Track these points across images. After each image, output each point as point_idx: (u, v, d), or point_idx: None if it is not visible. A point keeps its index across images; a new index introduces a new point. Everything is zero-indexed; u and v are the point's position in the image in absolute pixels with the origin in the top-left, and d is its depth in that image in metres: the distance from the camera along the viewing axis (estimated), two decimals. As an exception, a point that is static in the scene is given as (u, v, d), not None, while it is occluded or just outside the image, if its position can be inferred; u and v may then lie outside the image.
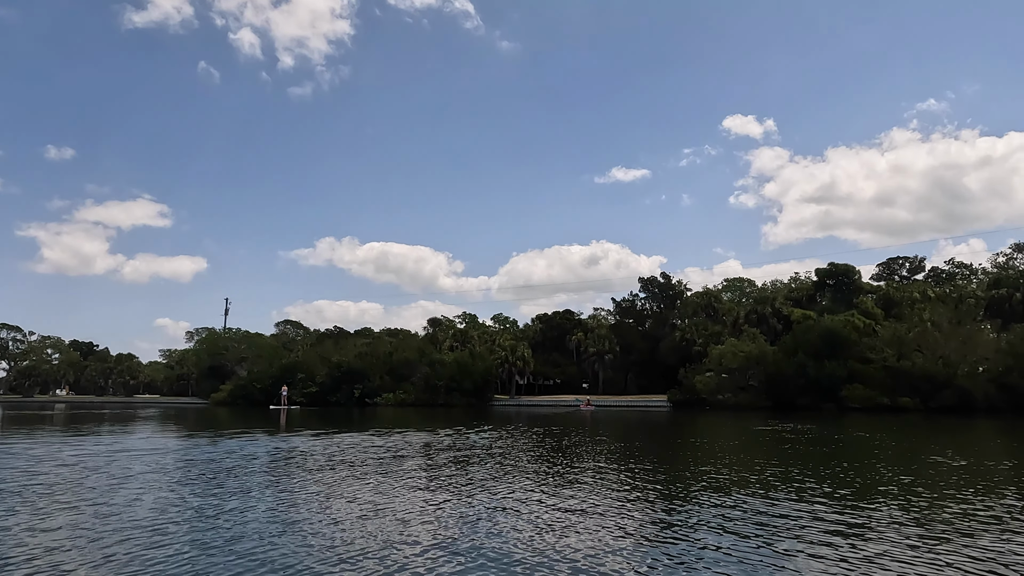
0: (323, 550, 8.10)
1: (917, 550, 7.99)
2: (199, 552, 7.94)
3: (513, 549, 8.15)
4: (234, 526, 9.36)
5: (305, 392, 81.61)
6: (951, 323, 59.94)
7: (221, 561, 7.56)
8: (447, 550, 8.16)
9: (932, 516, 10.04)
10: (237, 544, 8.33)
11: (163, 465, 16.70)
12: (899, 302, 73.26)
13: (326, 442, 23.90)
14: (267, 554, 7.87)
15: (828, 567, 7.29)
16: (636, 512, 10.57)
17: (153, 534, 8.81)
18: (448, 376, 76.73)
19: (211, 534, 8.86)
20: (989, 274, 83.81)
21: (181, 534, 8.83)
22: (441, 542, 8.56)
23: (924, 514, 10.19)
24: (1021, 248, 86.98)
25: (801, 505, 11.01)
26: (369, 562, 7.61)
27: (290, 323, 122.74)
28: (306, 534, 8.92)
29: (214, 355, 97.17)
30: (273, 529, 9.19)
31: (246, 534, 8.87)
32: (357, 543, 8.44)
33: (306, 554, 7.91)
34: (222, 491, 12.52)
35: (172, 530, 9.05)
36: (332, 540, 8.60)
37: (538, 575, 7.09)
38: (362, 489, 12.76)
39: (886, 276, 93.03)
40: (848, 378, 56.21)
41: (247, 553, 7.90)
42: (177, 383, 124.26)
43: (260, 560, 7.60)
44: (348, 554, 7.94)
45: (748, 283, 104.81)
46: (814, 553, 7.87)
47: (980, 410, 50.80)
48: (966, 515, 10.13)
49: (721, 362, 64.19)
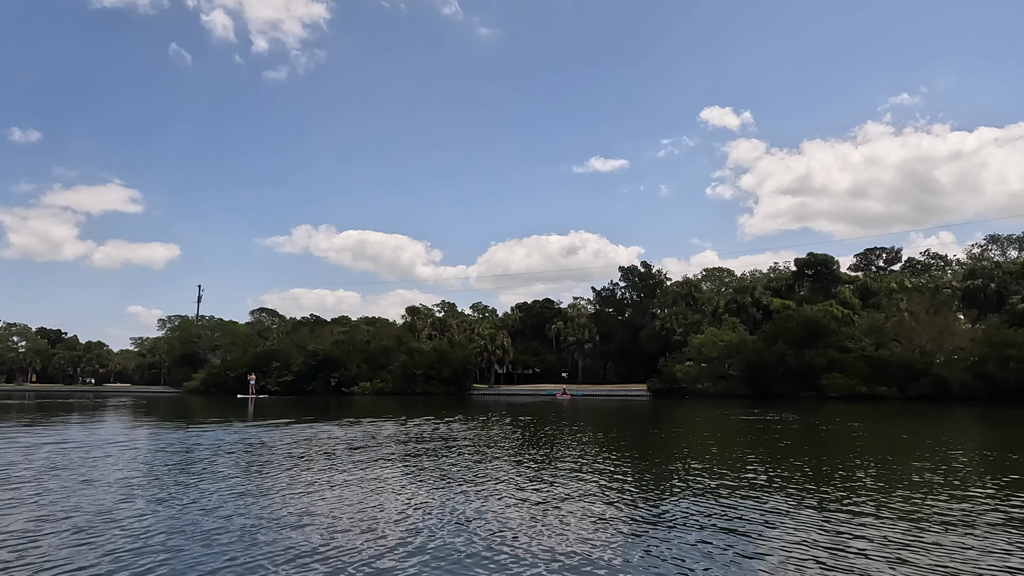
0: (278, 545, 7.45)
1: (899, 540, 7.81)
2: (135, 551, 7.13)
3: (483, 543, 7.73)
4: (180, 524, 8.41)
5: (280, 381, 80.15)
6: (928, 313, 60.25)
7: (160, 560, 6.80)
8: (412, 545, 7.54)
9: (916, 508, 9.69)
10: (180, 542, 7.50)
11: (112, 457, 15.57)
12: (876, 292, 73.58)
13: (290, 432, 22.84)
14: (213, 553, 7.12)
15: (808, 558, 7.12)
16: (610, 504, 10.04)
17: (81, 533, 7.78)
18: (426, 365, 75.73)
19: (151, 532, 7.97)
20: (963, 265, 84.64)
21: (116, 533, 7.82)
22: (406, 538, 7.85)
23: (906, 506, 9.83)
24: (995, 240, 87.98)
25: (784, 497, 10.47)
26: (332, 558, 6.99)
27: (265, 311, 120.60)
28: (258, 530, 8.08)
29: (186, 343, 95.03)
30: (219, 526, 8.25)
31: (192, 532, 7.99)
32: (316, 539, 7.74)
33: (259, 551, 7.21)
34: (174, 485, 11.49)
35: (103, 527, 8.04)
36: (289, 536, 7.80)
37: (510, 571, 6.62)
38: (321, 482, 11.80)
39: (863, 267, 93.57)
40: (827, 367, 56.21)
41: (192, 552, 7.14)
42: (149, 372, 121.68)
43: (202, 560, 6.79)
44: (307, 551, 7.26)
45: (727, 273, 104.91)
46: (795, 545, 7.65)
47: (956, 398, 51.11)
48: (952, 506, 9.79)
49: (701, 351, 63.94)
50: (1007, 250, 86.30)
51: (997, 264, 74.04)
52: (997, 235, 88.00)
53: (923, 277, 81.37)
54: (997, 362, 51.12)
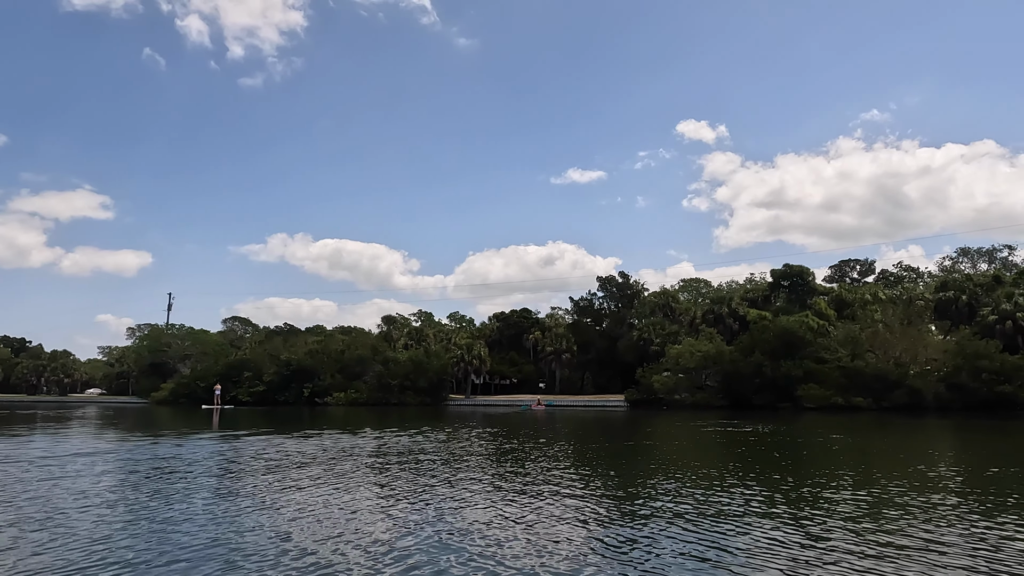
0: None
1: (874, 555, 7.69)
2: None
3: (451, 558, 7.52)
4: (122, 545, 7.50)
5: (252, 391, 78.42)
6: (902, 324, 60.67)
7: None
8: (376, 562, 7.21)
9: (896, 519, 9.54)
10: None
11: (33, 474, 14.51)
12: (851, 303, 74.08)
13: (251, 445, 21.82)
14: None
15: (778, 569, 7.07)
16: (581, 521, 9.67)
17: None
18: (402, 375, 74.56)
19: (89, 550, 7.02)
20: (935, 277, 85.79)
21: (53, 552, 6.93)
22: (371, 554, 7.40)
23: (881, 519, 9.62)
24: (966, 252, 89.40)
25: (762, 514, 9.93)
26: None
27: (238, 320, 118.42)
28: (196, 555, 7.23)
29: (155, 352, 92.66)
30: (157, 550, 7.37)
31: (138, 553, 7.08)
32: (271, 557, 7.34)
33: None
34: (112, 502, 10.54)
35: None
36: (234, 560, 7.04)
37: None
38: (268, 499, 10.95)
39: (838, 278, 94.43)
40: (804, 378, 56.20)
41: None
42: (117, 381, 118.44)
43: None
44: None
45: (704, 283, 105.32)
46: (771, 559, 7.51)
47: (930, 409, 51.37)
48: (930, 516, 9.75)
49: (679, 361, 63.65)
50: (977, 263, 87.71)
51: (968, 276, 75.11)
52: (968, 248, 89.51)
53: (896, 289, 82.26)
54: (970, 373, 51.53)
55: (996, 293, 67.64)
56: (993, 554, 7.63)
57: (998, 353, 52.59)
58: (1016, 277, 70.93)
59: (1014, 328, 61.68)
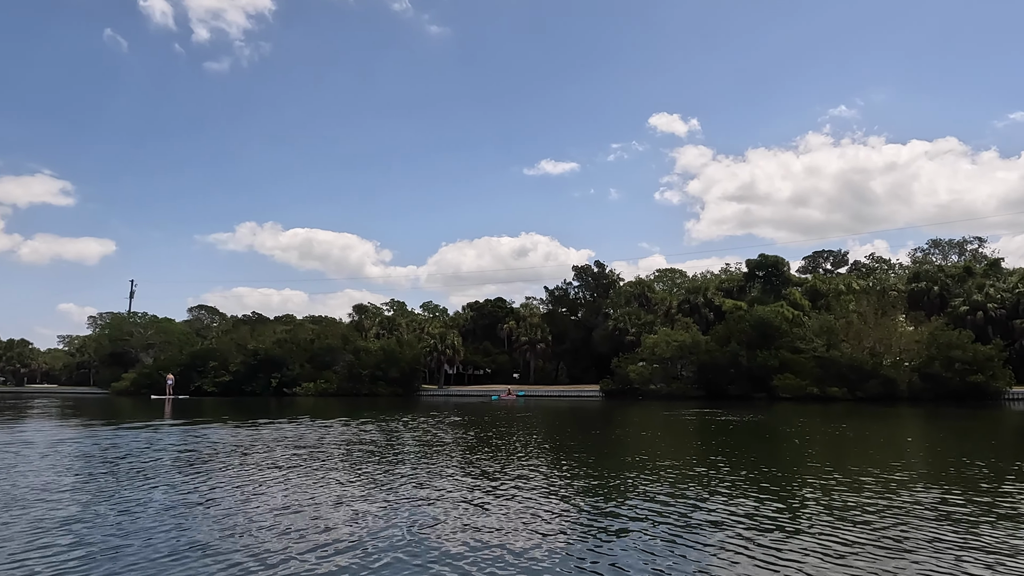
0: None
1: (836, 539, 7.71)
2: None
3: (416, 549, 7.27)
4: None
5: (218, 381, 76.07)
6: (876, 315, 60.74)
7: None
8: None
9: (853, 507, 9.51)
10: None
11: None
12: (825, 294, 74.21)
13: (193, 434, 20.27)
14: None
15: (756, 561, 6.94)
16: (550, 511, 9.43)
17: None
18: (373, 364, 72.82)
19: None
20: (907, 269, 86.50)
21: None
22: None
23: (841, 505, 9.56)
24: (937, 244, 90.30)
25: (744, 502, 9.82)
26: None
27: (205, 308, 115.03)
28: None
29: (116, 341, 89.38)
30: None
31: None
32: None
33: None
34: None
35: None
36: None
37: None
38: (219, 489, 9.58)
39: (811, 269, 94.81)
40: (779, 368, 55.89)
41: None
42: (77, 372, 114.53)
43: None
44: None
45: (679, 274, 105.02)
46: (743, 549, 7.39)
47: (903, 399, 51.49)
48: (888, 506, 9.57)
49: (654, 351, 62.99)
50: (948, 254, 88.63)
51: (940, 267, 75.66)
52: (939, 240, 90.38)
53: (869, 280, 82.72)
54: (943, 363, 51.65)
55: (967, 284, 68.20)
56: (959, 533, 7.83)
57: (971, 344, 52.81)
58: (987, 268, 71.61)
59: (985, 319, 62.19)
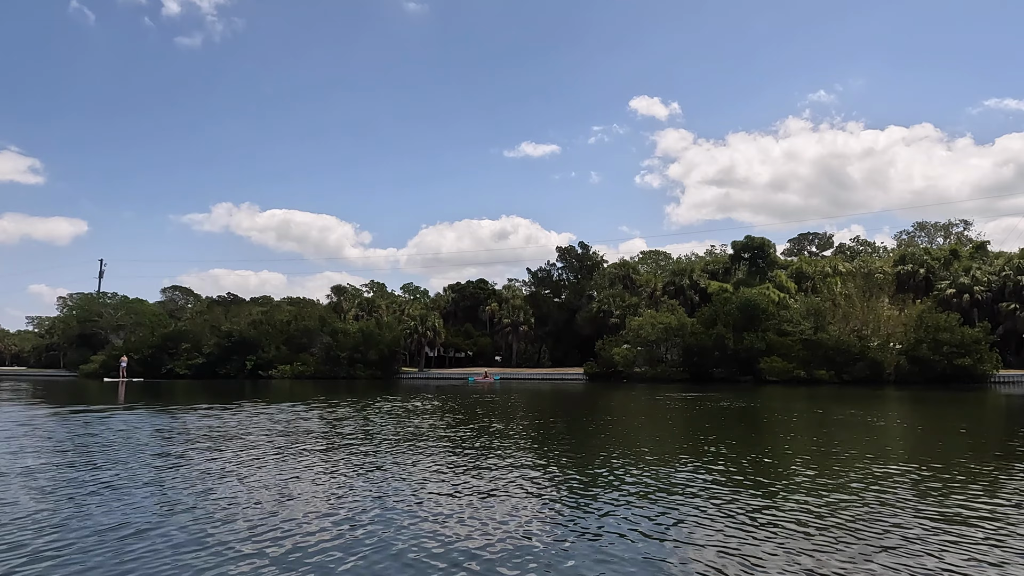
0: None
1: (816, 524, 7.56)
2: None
3: (393, 537, 6.89)
4: None
5: (191, 363, 74.18)
6: (862, 297, 60.01)
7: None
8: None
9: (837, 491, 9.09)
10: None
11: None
12: (811, 276, 73.42)
13: (151, 419, 18.46)
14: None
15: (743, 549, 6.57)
16: (532, 492, 9.23)
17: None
18: (351, 347, 70.99)
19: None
20: (892, 251, 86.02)
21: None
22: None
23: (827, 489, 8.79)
24: (923, 227, 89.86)
25: (727, 486, 9.19)
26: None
27: (179, 289, 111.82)
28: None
29: (85, 322, 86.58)
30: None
31: None
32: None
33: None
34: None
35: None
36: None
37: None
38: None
39: (797, 251, 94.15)
40: (766, 350, 54.96)
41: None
42: (47, 354, 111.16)
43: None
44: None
45: (664, 256, 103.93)
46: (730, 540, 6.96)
47: (890, 382, 50.89)
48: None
49: (639, 334, 61.81)
50: (934, 237, 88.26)
51: (926, 250, 75.13)
52: (925, 222, 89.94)
53: (855, 263, 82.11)
54: (930, 346, 51.05)
55: (953, 267, 67.68)
56: (944, 510, 7.85)
57: (958, 326, 52.22)
58: (973, 251, 71.17)
59: (971, 302, 61.73)
